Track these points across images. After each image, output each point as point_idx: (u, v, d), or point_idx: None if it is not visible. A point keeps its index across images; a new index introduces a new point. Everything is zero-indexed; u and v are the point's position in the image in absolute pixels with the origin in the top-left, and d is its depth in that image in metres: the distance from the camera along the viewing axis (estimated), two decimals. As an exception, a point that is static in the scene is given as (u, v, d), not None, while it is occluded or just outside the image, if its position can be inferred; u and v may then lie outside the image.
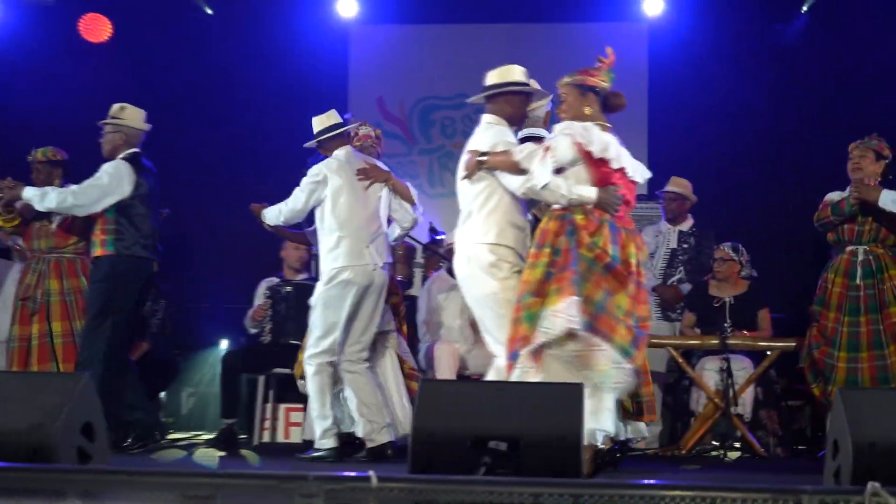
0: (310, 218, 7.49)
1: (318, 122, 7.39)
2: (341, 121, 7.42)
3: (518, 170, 5.91)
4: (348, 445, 7.32)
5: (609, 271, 5.74)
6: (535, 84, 6.51)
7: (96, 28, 11.11)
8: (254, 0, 11.14)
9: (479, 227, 6.08)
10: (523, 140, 6.62)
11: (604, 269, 5.73)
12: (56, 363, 7.70)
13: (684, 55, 10.72)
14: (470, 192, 6.16)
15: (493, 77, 6.37)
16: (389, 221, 7.49)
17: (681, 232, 8.92)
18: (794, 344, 7.92)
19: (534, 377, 5.68)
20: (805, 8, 10.62)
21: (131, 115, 7.78)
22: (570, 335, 5.66)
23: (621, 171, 5.96)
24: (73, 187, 7.58)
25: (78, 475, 4.25)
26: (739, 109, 10.57)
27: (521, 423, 4.76)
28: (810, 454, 8.12)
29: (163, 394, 9.32)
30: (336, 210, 7.18)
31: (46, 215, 7.83)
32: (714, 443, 8.23)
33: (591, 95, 6.04)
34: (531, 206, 6.33)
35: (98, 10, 11.12)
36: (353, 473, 3.98)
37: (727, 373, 7.90)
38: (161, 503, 4.06)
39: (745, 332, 8.14)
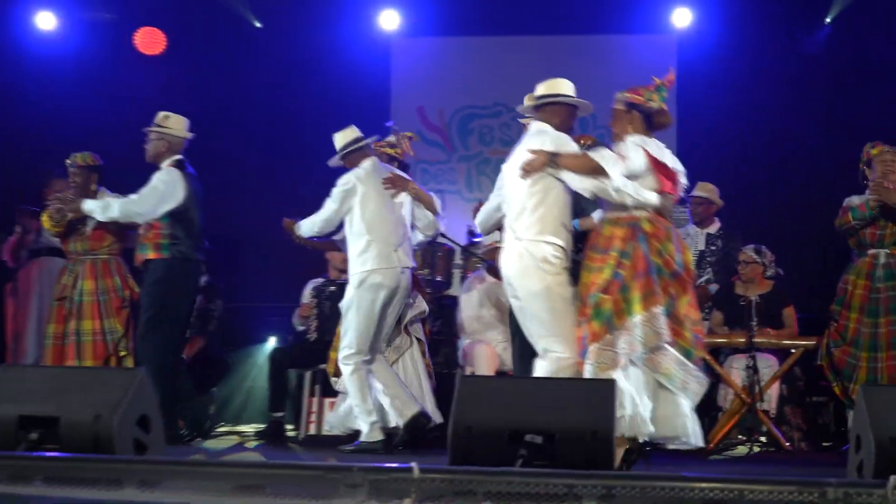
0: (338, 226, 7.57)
1: (341, 137, 7.49)
2: (361, 135, 7.49)
3: (592, 171, 5.88)
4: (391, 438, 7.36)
5: (675, 277, 5.85)
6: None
7: (151, 41, 11.21)
8: (299, 14, 11.16)
9: (533, 224, 6.04)
10: None
11: (670, 275, 5.83)
12: (78, 360, 7.71)
13: (711, 65, 10.67)
14: (524, 191, 6.10)
15: (542, 88, 6.37)
16: (412, 228, 7.57)
17: (709, 234, 8.88)
18: (814, 342, 7.88)
19: (606, 374, 5.69)
20: (828, 19, 10.56)
21: (175, 124, 7.83)
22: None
23: (676, 181, 6.08)
24: (133, 196, 7.64)
25: (135, 465, 4.28)
26: (764, 116, 10.53)
27: (556, 418, 4.76)
28: (834, 449, 8.06)
29: (214, 388, 9.36)
30: (365, 216, 7.26)
31: (82, 219, 7.89)
32: (740, 437, 8.18)
33: (635, 113, 6.09)
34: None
35: (153, 24, 11.23)
36: (395, 465, 3.99)
37: (753, 370, 7.89)
38: (214, 492, 4.09)
39: (769, 329, 8.10)
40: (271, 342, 10.11)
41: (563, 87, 6.36)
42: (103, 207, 7.65)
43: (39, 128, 10.59)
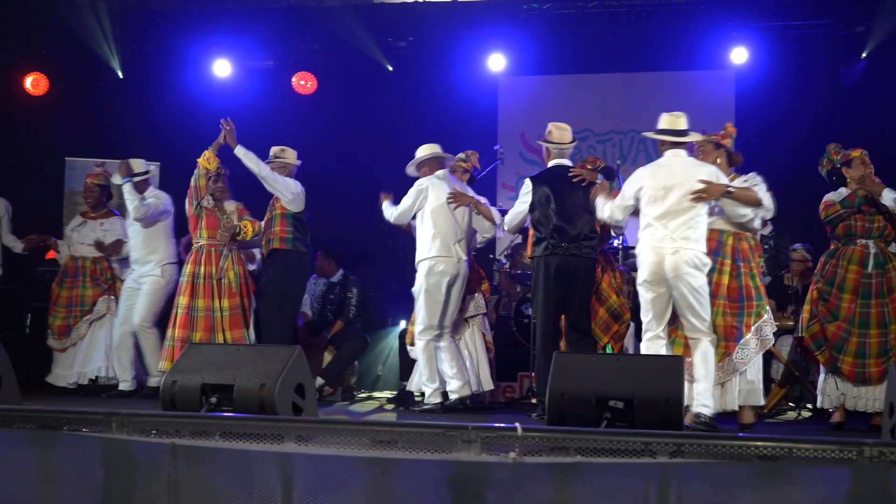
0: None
1: (425, 149, 7.62)
2: (439, 150, 7.59)
3: (756, 204, 6.27)
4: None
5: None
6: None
7: (305, 83, 11.40)
8: (422, 58, 11.33)
9: (697, 236, 6.14)
10: (554, 168, 7.39)
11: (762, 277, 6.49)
12: (223, 332, 7.57)
13: (765, 95, 10.55)
14: (691, 209, 6.13)
15: (670, 122, 6.34)
16: (474, 232, 7.71)
17: (762, 236, 8.70)
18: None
19: (753, 352, 6.24)
20: (864, 55, 10.32)
21: (289, 154, 7.97)
22: None
23: None
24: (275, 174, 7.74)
25: (293, 424, 4.35)
26: (809, 139, 10.26)
27: (635, 386, 4.73)
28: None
29: (357, 362, 9.43)
30: (433, 214, 7.37)
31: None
32: (790, 404, 8.02)
33: (722, 150, 6.58)
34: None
35: (307, 69, 11.41)
36: (503, 425, 4.01)
37: (800, 347, 7.73)
38: (356, 446, 4.14)
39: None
40: (402, 324, 10.15)
41: (686, 122, 6.34)
42: (253, 160, 7.62)
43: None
